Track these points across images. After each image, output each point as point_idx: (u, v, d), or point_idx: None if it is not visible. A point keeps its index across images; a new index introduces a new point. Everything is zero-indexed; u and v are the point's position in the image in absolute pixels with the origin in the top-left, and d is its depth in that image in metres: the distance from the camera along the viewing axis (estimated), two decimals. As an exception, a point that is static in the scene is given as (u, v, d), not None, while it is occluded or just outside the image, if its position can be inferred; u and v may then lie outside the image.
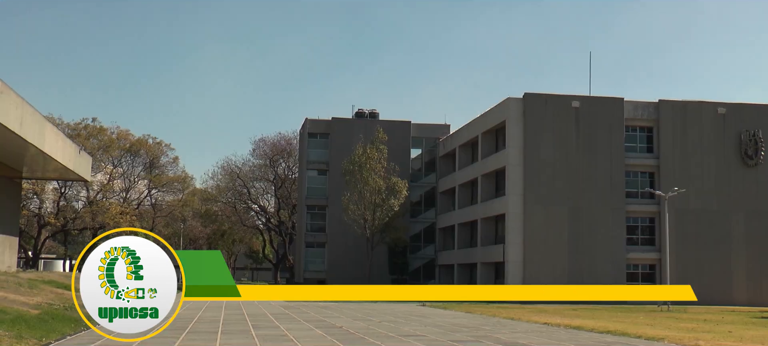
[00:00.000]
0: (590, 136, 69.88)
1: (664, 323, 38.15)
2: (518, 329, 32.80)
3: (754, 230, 71.29)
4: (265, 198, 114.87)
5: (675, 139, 71.45)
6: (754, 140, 71.67)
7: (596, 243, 68.93)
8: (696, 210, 70.50)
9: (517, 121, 69.78)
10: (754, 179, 71.77)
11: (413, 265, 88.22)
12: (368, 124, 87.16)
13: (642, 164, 71.69)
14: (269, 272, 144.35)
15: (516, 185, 69.07)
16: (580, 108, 69.97)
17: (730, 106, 72.80)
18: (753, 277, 70.80)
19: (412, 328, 32.25)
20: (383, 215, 76.65)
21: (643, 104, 72.04)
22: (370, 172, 75.72)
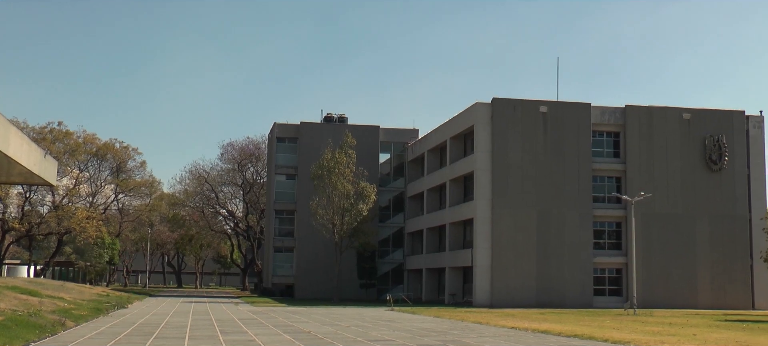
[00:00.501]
0: (558, 141, 70.26)
1: (630, 326, 38.48)
2: (486, 333, 32.93)
3: (717, 235, 72.01)
4: (234, 203, 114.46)
5: (641, 144, 72.03)
6: (718, 146, 72.43)
7: (564, 247, 69.28)
8: (662, 215, 71.10)
9: (485, 126, 69.99)
10: (718, 183, 72.53)
11: (382, 269, 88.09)
12: (337, 128, 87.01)
13: (609, 169, 72.18)
14: (237, 278, 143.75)
15: (484, 190, 69.27)
16: (548, 113, 70.34)
17: (694, 112, 73.51)
18: (717, 280, 71.50)
19: (380, 333, 32.26)
20: (352, 219, 76.48)
21: (609, 110, 72.54)
22: (338, 176, 75.54)
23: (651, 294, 68.46)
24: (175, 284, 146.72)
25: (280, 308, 56.71)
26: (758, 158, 73.76)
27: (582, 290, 68.98)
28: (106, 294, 68.10)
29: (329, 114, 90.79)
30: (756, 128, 74.10)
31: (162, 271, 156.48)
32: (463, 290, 74.98)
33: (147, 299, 71.17)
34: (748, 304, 70.97)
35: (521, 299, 67.12)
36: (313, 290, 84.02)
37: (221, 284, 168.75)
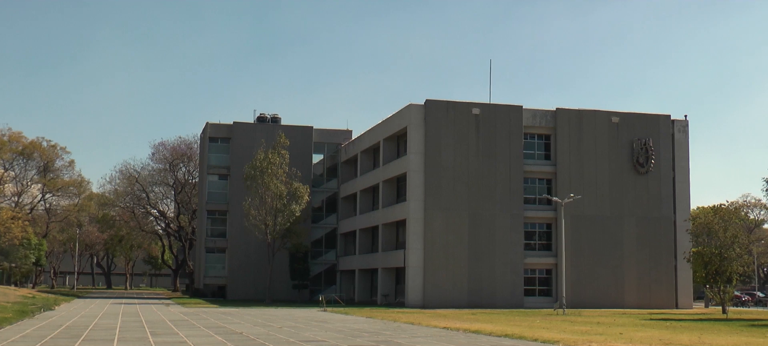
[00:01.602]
0: (490, 143, 71.00)
1: (560, 326, 39.12)
2: (418, 333, 33.16)
3: (644, 236, 73.58)
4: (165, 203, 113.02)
5: (571, 146, 73.23)
6: (645, 149, 74.04)
7: (495, 248, 70.05)
8: (590, 216, 72.39)
9: (418, 128, 70.40)
10: (645, 186, 74.13)
11: (314, 270, 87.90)
12: (270, 128, 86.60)
13: (540, 171, 73.20)
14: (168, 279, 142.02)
15: (417, 191, 69.66)
16: (481, 115, 71.05)
17: (623, 116, 75.02)
18: (643, 281, 73.05)
19: (312, 333, 32.27)
20: (284, 220, 76.18)
21: (541, 112, 73.59)
22: (271, 177, 75.19)
23: (580, 294, 69.65)
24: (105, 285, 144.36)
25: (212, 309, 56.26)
26: (683, 161, 75.60)
27: (513, 290, 69.82)
28: (32, 296, 66.75)
29: (262, 114, 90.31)
30: (681, 132, 75.93)
31: (91, 272, 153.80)
32: (395, 290, 75.28)
33: (75, 301, 69.91)
34: (672, 303, 72.68)
35: (453, 299, 67.67)
36: (245, 291, 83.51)
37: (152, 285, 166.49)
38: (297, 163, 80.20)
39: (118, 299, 77.03)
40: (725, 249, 58.84)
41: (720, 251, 58.86)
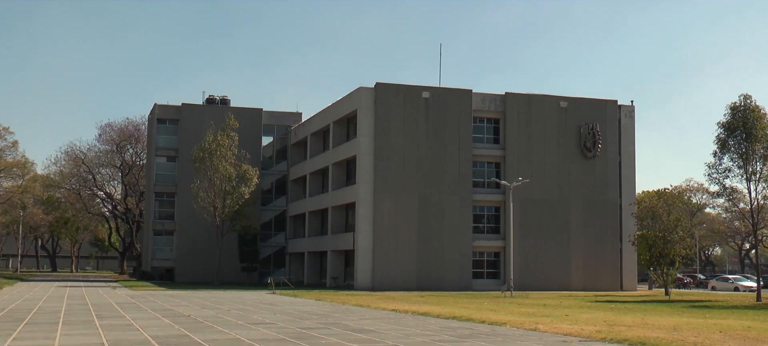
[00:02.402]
0: (440, 127, 71.31)
1: (507, 308, 39.56)
2: (366, 316, 33.30)
3: (590, 219, 74.62)
4: (112, 185, 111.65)
5: (520, 130, 73.87)
6: (592, 133, 74.97)
7: (444, 231, 70.49)
8: (538, 200, 73.17)
9: (368, 111, 70.43)
10: (592, 170, 75.11)
11: (264, 253, 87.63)
12: (219, 110, 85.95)
13: (489, 155, 73.73)
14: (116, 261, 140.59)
15: (366, 174, 69.76)
16: (430, 99, 71.29)
17: (571, 101, 75.82)
18: (589, 263, 74.13)
19: (261, 316, 32.23)
20: (233, 202, 75.78)
21: (490, 96, 74.07)
22: (220, 159, 74.69)
23: (527, 277, 70.43)
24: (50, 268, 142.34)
25: (160, 292, 55.86)
26: (629, 146, 76.73)
27: (461, 273, 70.36)
28: (-26, 279, 65.52)
29: (211, 96, 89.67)
30: (627, 117, 77.02)
31: (35, 255, 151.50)
32: (344, 273, 75.43)
33: (18, 284, 68.86)
34: (617, 285, 73.88)
35: (402, 282, 68.00)
36: (193, 273, 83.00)
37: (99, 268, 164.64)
38: (246, 146, 79.77)
39: (63, 282, 76.04)
40: (669, 232, 59.93)
41: (663, 235, 59.94)
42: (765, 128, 52.58)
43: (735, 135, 53.25)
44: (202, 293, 56.42)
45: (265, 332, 24.40)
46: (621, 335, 23.69)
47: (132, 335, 23.48)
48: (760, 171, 53.00)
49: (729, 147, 53.70)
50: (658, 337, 23.03)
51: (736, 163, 53.63)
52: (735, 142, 53.32)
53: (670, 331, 25.60)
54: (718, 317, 33.87)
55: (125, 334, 23.69)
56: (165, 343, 20.98)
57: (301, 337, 22.96)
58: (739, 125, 52.92)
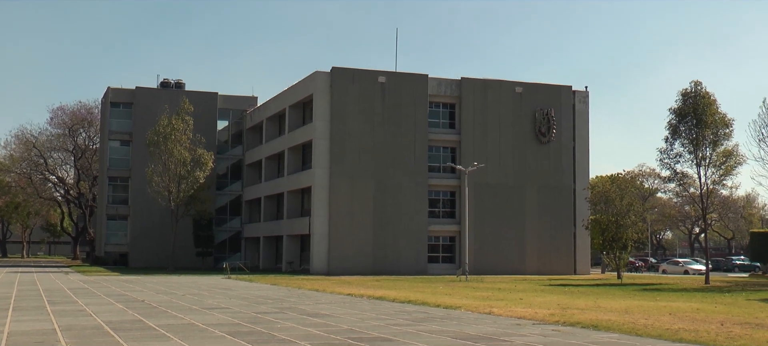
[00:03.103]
0: (395, 111, 71.42)
1: (462, 292, 39.86)
2: (322, 300, 33.35)
3: (545, 204, 75.32)
4: (64, 169, 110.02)
5: (475, 115, 74.22)
6: (547, 119, 75.63)
7: (400, 216, 70.70)
8: (493, 184, 73.66)
9: (324, 95, 70.29)
10: (547, 155, 75.78)
11: (219, 238, 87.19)
12: (174, 94, 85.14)
13: (444, 139, 74.02)
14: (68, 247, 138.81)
15: (322, 158, 69.67)
16: (386, 83, 71.35)
17: (526, 86, 76.35)
18: (543, 248, 74.87)
19: (216, 301, 32.12)
20: (188, 187, 75.22)
21: (446, 81, 74.32)
22: (175, 143, 74.06)
23: (482, 261, 70.93)
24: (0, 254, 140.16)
25: (113, 277, 55.36)
26: (583, 131, 77.51)
27: (417, 257, 70.66)
28: None
29: (166, 79, 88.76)
30: (582, 103, 77.78)
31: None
32: (300, 258, 75.36)
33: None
34: (570, 269, 74.73)
35: (358, 266, 68.12)
36: (147, 258, 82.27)
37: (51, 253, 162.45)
38: (201, 130, 79.16)
39: (14, 268, 74.98)
40: (621, 217, 60.72)
41: (616, 219, 60.71)
42: (715, 114, 53.50)
43: (686, 121, 54.11)
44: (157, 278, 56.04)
45: (220, 317, 24.34)
46: (574, 318, 24.01)
47: (85, 320, 23.27)
48: (710, 156, 53.96)
49: (680, 133, 54.56)
50: (609, 320, 23.39)
51: (686, 149, 54.55)
52: (686, 127, 54.18)
53: (622, 313, 26.00)
54: (668, 300, 34.47)
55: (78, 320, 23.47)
56: (118, 328, 20.84)
57: (256, 321, 22.94)
58: (689, 111, 53.77)
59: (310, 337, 18.99)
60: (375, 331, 20.48)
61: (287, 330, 20.53)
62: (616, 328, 21.17)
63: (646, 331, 20.40)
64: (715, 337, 19.04)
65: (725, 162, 54.60)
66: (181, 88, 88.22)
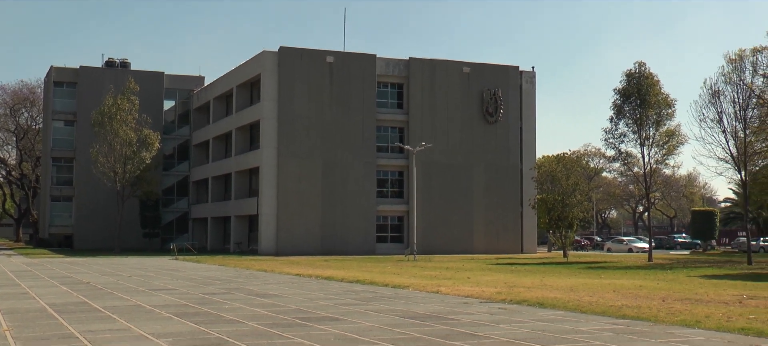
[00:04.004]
0: (344, 91, 71.32)
1: (410, 272, 40.08)
2: (270, 280, 33.31)
3: (492, 184, 75.92)
4: (6, 150, 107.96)
5: (424, 95, 74.43)
6: (495, 99, 76.13)
7: (348, 196, 70.74)
8: (441, 164, 74.01)
9: (271, 75, 69.90)
10: (494, 135, 76.32)
11: (166, 219, 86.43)
12: (119, 73, 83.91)
13: (392, 119, 74.14)
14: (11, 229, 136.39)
15: (270, 139, 69.36)
16: (334, 63, 71.17)
17: (473, 66, 76.71)
18: (491, 227, 75.52)
19: (163, 282, 31.90)
20: (134, 167, 74.38)
21: (394, 61, 74.37)
22: (120, 123, 73.12)
23: (431, 241, 71.29)
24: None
25: (58, 260, 54.61)
26: (530, 111, 78.20)
27: (365, 237, 70.82)
28: None
29: (111, 59, 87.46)
30: (528, 83, 78.43)
31: None
32: (248, 238, 75.07)
33: None
34: (518, 248, 75.50)
35: (306, 247, 68.08)
36: (93, 240, 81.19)
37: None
38: (147, 110, 78.16)
39: (-45, 250, 73.48)
40: (567, 196, 61.50)
41: (562, 198, 61.48)
42: (658, 95, 54.42)
43: (630, 101, 54.95)
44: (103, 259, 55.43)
45: (167, 298, 24.18)
46: (520, 296, 24.31)
47: (28, 303, 22.96)
48: (653, 136, 54.89)
49: (624, 113, 55.39)
50: (555, 297, 23.73)
51: (630, 129, 55.43)
52: (630, 108, 55.03)
53: (567, 291, 26.39)
54: (613, 278, 35.07)
55: (21, 303, 23.14)
56: (63, 311, 20.60)
57: (203, 302, 22.84)
58: (634, 92, 54.60)
59: (258, 317, 18.98)
60: (323, 310, 20.54)
61: (235, 311, 20.49)
62: (562, 305, 21.49)
63: (590, 308, 20.74)
64: (656, 313, 19.44)
65: (668, 142, 55.59)
66: (127, 67, 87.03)
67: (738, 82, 50.37)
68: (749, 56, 50.23)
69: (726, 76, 50.80)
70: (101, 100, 75.67)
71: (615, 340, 14.96)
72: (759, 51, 49.86)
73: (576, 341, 14.83)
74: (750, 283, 31.55)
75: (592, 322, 17.97)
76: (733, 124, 50.69)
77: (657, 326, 17.26)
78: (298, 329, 16.72)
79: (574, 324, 17.54)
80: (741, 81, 50.34)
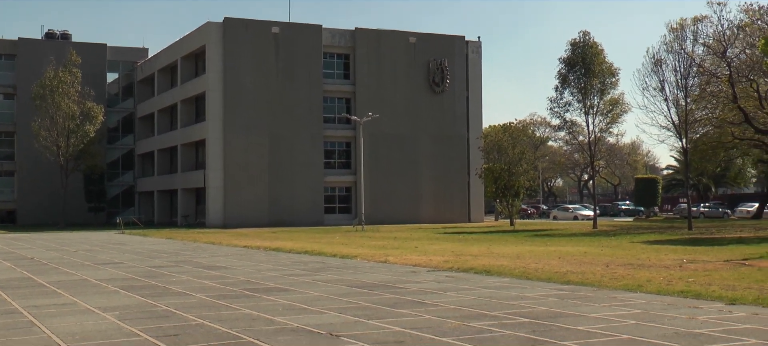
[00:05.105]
0: (290, 63, 70.95)
1: (358, 242, 40.23)
2: (218, 253, 33.20)
3: (438, 153, 76.32)
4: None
5: (370, 66, 74.39)
6: (441, 69, 76.38)
7: (296, 168, 70.59)
8: (388, 135, 74.15)
9: (216, 46, 69.26)
10: (440, 104, 76.63)
11: (111, 192, 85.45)
12: (60, 46, 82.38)
13: (339, 90, 74.01)
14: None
15: (216, 111, 68.84)
16: (280, 34, 70.71)
17: (420, 36, 76.82)
18: (438, 197, 75.99)
19: (109, 256, 31.61)
20: (78, 141, 73.32)
21: (340, 32, 74.13)
22: (62, 96, 71.94)
23: (378, 211, 71.51)
24: None
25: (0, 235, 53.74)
26: (476, 81, 78.63)
27: (313, 208, 70.80)
28: None
29: (51, 30, 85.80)
30: (475, 53, 78.77)
31: None
32: (196, 211, 74.61)
33: None
34: (465, 217, 76.13)
35: (254, 219, 67.85)
36: (37, 215, 79.93)
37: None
38: (90, 83, 76.91)
39: None
40: (513, 165, 62.07)
41: (509, 167, 62.04)
42: (602, 64, 55.05)
43: (575, 70, 55.51)
44: (47, 235, 54.70)
45: (114, 272, 23.99)
46: (467, 264, 24.57)
47: (-29, 279, 22.58)
48: (597, 105, 55.57)
49: (569, 82, 55.97)
50: (501, 265, 24.03)
51: (575, 98, 56.05)
52: (575, 77, 55.60)
53: (514, 259, 26.74)
54: (558, 245, 35.59)
55: (-36, 279, 22.75)
56: (6, 286, 20.32)
57: (151, 275, 22.70)
58: (578, 61, 55.17)
59: (206, 289, 18.94)
60: (271, 281, 20.56)
61: (183, 283, 20.40)
62: (508, 272, 21.77)
63: (536, 274, 21.06)
64: (600, 278, 19.81)
65: (612, 110, 56.34)
66: (68, 39, 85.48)
67: (679, 50, 51.28)
68: (690, 25, 51.15)
69: (668, 45, 51.71)
70: (42, 73, 74.30)
71: (560, 305, 15.24)
72: (699, 20, 50.78)
73: (522, 307, 15.08)
74: (690, 248, 32.29)
75: (538, 288, 18.26)
76: (674, 92, 51.66)
77: (600, 290, 17.61)
78: (246, 300, 16.74)
79: (520, 291, 17.80)
80: (682, 50, 51.27)
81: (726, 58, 50.54)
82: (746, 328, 12.33)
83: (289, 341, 11.62)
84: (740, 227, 53.85)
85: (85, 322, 13.76)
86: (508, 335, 12.00)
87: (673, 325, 12.68)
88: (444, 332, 12.20)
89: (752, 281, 18.64)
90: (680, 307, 14.75)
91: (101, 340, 11.94)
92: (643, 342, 11.25)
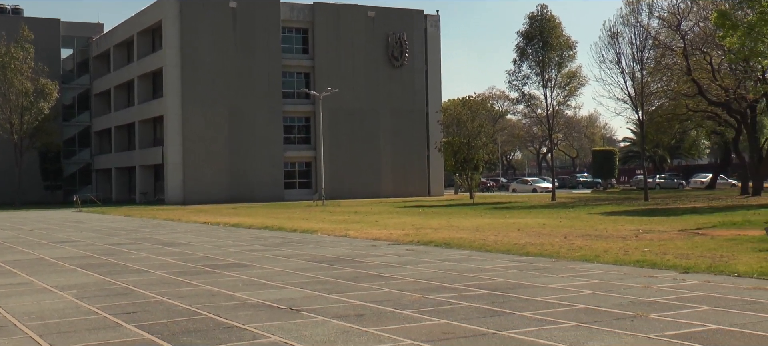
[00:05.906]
0: (248, 37, 70.40)
1: (318, 216, 40.23)
2: (178, 229, 33.03)
3: (398, 127, 76.38)
4: None
5: (329, 40, 74.08)
6: (400, 43, 76.29)
7: (255, 143, 70.25)
8: (348, 109, 74.02)
9: (173, 21, 68.49)
10: (399, 79, 76.62)
11: (68, 170, 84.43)
12: (11, 21, 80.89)
13: (298, 65, 73.67)
14: None
15: (174, 87, 68.19)
16: (238, 9, 70.07)
17: (379, 10, 76.64)
18: (398, 171, 76.14)
19: (67, 234, 31.31)
20: (32, 118, 72.29)
21: (298, 6, 73.69)
22: (15, 73, 70.83)
23: (339, 185, 71.51)
24: None
25: (-46, 215, 52.93)
26: (435, 55, 78.70)
27: (273, 184, 70.60)
28: None
29: (1, 5, 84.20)
30: (433, 27, 78.78)
31: None
32: (154, 188, 74.02)
33: None
34: (425, 191, 76.41)
35: (214, 195, 67.51)
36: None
37: None
38: (44, 59, 75.71)
39: None
40: (472, 138, 62.22)
41: (468, 141, 62.18)
42: (560, 37, 55.37)
43: (533, 44, 55.77)
44: (2, 214, 53.99)
45: (71, 251, 23.76)
46: (427, 237, 24.70)
47: (-75, 259, 22.23)
48: (555, 78, 55.95)
49: (527, 55, 56.25)
50: (461, 237, 24.18)
51: (533, 71, 56.37)
52: (533, 50, 55.87)
53: (473, 231, 26.92)
54: (517, 217, 35.88)
55: None
56: (-38, 266, 20.03)
57: (109, 253, 22.53)
58: (536, 34, 55.43)
59: (165, 266, 18.85)
60: (231, 257, 20.51)
61: (142, 260, 20.28)
62: (467, 245, 21.93)
63: (495, 246, 21.23)
64: (558, 249, 20.03)
65: (569, 83, 56.76)
66: (19, 14, 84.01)
67: (635, 23, 51.74)
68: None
69: (624, 18, 52.18)
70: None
71: (519, 276, 15.40)
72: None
73: (481, 279, 15.21)
74: (646, 218, 32.74)
75: (497, 260, 18.42)
76: (630, 65, 52.17)
77: (559, 261, 17.81)
78: (206, 276, 16.69)
79: (479, 263, 17.95)
80: (638, 23, 51.73)
81: (680, 31, 51.12)
82: (699, 295, 12.56)
83: (249, 316, 11.63)
84: (694, 197, 54.68)
85: (41, 301, 13.63)
86: (467, 306, 12.10)
87: (629, 294, 12.88)
88: (404, 305, 12.27)
89: (705, 249, 18.97)
90: (636, 276, 14.98)
91: (58, 319, 11.84)
92: (600, 311, 11.42)
